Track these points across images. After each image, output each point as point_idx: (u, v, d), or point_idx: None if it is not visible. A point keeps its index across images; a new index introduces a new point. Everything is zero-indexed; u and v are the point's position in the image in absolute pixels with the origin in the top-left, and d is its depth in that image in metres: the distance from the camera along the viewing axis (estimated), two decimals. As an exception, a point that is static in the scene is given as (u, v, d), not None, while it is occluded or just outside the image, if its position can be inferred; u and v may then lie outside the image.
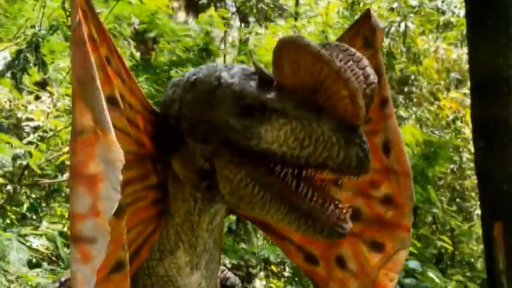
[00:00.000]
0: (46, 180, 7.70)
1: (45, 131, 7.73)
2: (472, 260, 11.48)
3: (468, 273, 10.74)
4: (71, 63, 2.30)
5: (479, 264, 11.00)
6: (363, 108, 2.24)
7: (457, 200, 12.39)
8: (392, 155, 2.86)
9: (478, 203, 9.48)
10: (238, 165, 2.40)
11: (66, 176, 7.68)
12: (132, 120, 2.47)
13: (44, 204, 8.18)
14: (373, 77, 2.34)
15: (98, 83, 2.23)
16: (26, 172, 7.68)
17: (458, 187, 12.34)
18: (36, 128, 7.81)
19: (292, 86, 2.31)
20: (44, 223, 7.35)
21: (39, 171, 7.34)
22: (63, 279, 3.27)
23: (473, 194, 12.10)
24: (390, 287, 2.90)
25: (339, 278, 2.92)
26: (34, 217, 7.84)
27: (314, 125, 2.26)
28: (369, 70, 2.34)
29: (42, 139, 7.70)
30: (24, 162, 7.34)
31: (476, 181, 9.03)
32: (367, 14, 2.88)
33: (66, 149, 7.43)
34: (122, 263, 2.32)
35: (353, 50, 2.37)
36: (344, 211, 2.36)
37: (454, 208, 11.87)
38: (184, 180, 2.56)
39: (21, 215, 7.92)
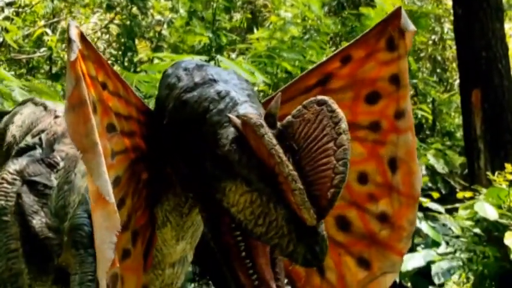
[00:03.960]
0: (23, 56, 7.65)
1: (20, 7, 7.62)
2: (453, 130, 11.63)
3: (448, 142, 10.89)
4: (68, 129, 2.24)
5: (459, 134, 11.14)
6: (309, 219, 2.08)
7: (438, 70, 12.43)
8: (399, 174, 2.68)
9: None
10: (205, 208, 2.38)
11: (42, 50, 7.64)
12: (127, 131, 2.45)
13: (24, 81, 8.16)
14: (340, 178, 2.09)
15: (100, 148, 2.20)
16: (3, 49, 7.62)
17: (439, 58, 12.36)
18: (11, 4, 7.69)
19: (260, 157, 2.18)
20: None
21: (16, 47, 7.28)
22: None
23: (454, 65, 12.11)
24: None
25: (316, 285, 2.82)
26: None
27: (271, 206, 2.14)
28: (341, 167, 2.09)
29: (17, 14, 7.59)
30: (1, 39, 7.26)
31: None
32: (396, 13, 2.63)
33: (41, 23, 7.35)
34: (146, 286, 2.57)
35: (342, 126, 2.13)
36: None
37: (435, 79, 11.93)
38: (175, 182, 2.52)
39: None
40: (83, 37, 2.26)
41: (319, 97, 2.20)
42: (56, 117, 3.41)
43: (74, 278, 2.80)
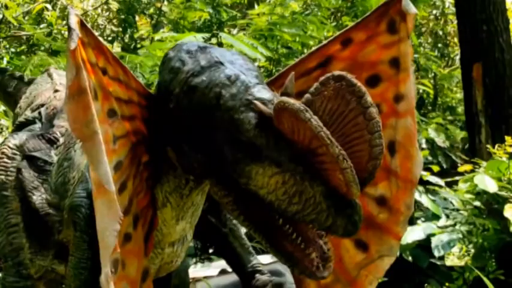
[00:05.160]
0: (23, 33, 7.63)
1: (19, -17, 7.60)
2: (454, 104, 11.61)
3: (449, 117, 10.87)
4: (68, 118, 2.23)
5: (461, 109, 11.13)
6: (357, 193, 2.14)
7: (439, 45, 12.39)
8: (397, 158, 2.72)
9: (460, 47, 9.48)
10: (226, 190, 2.36)
11: (43, 26, 7.61)
12: (128, 115, 2.45)
13: (24, 58, 8.15)
14: (379, 150, 2.18)
15: (100, 137, 2.20)
16: (3, 26, 7.60)
17: (440, 32, 12.31)
18: (10, -19, 7.66)
19: (291, 139, 2.19)
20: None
21: (16, 23, 7.26)
22: None
23: (455, 40, 12.08)
24: None
25: None
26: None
27: (307, 184, 2.17)
28: (378, 140, 2.17)
29: (17, -9, 7.57)
30: (0, 16, 7.23)
31: (458, 25, 9.01)
32: None
33: (41, -1, 7.33)
34: (147, 270, 2.57)
35: (368, 100, 2.19)
36: (326, 256, 2.32)
37: (436, 53, 11.89)
38: (177, 165, 2.53)
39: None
40: (82, 24, 2.27)
41: (336, 73, 2.23)
42: (56, 91, 3.40)
43: (70, 259, 2.81)
